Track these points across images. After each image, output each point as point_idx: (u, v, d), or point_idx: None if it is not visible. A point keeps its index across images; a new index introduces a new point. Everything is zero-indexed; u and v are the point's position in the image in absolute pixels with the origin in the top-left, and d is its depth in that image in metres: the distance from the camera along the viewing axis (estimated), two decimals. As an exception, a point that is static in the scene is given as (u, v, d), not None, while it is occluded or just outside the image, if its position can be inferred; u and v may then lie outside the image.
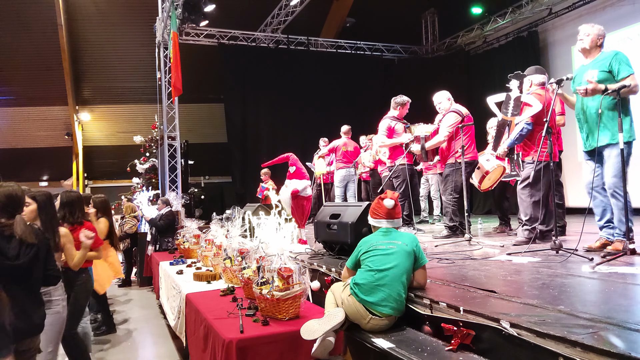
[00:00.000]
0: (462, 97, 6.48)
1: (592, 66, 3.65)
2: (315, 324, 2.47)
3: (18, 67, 14.32)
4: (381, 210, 2.73)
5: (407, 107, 6.10)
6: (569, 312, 1.97)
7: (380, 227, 2.73)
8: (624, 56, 3.53)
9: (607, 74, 3.53)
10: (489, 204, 10.18)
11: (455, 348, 2.06)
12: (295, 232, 4.77)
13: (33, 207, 2.98)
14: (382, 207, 2.72)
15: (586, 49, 3.73)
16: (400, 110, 6.04)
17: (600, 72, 3.55)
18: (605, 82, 3.48)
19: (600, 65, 3.59)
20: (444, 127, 5.29)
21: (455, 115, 5.24)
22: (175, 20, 8.96)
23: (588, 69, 3.68)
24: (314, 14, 13.00)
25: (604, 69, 3.55)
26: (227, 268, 4.02)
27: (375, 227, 2.78)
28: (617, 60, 3.50)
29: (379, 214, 2.74)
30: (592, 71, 3.60)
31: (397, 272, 2.49)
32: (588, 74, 3.60)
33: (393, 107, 6.08)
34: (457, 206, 5.19)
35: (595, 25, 3.73)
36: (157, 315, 6.01)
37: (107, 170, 17.56)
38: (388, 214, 2.71)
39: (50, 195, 3.14)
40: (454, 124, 5.18)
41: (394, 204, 2.70)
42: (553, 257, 3.46)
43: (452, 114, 5.28)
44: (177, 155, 9.91)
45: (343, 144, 8.22)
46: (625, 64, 3.49)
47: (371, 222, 2.82)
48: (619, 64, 3.49)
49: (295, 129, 12.54)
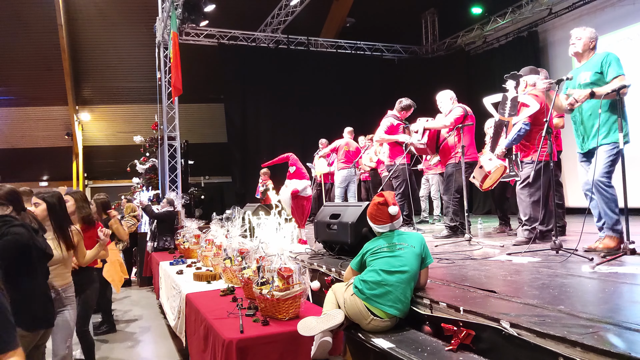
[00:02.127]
0: (462, 97, 6.46)
1: (585, 68, 3.69)
2: (313, 322, 2.47)
3: (18, 67, 14.32)
4: (384, 216, 2.66)
5: (410, 112, 6.10)
6: (569, 312, 1.97)
7: (384, 230, 2.68)
8: (614, 57, 3.55)
9: (599, 75, 3.56)
10: (489, 204, 10.18)
11: (455, 348, 2.06)
12: (295, 232, 4.76)
13: (43, 207, 3.02)
14: (386, 214, 2.65)
15: (579, 52, 3.75)
16: (402, 113, 6.04)
17: (592, 74, 3.58)
18: (597, 82, 3.53)
19: (592, 67, 3.62)
20: (449, 116, 5.28)
21: (462, 109, 5.25)
22: (175, 20, 8.96)
23: (581, 71, 3.71)
24: (314, 14, 12.99)
25: (596, 70, 3.58)
26: (227, 268, 4.02)
27: (379, 232, 2.71)
28: (607, 62, 3.53)
29: (382, 219, 2.67)
30: (585, 73, 3.63)
31: (406, 274, 2.47)
32: (581, 77, 3.64)
33: (397, 109, 6.07)
34: (458, 206, 5.19)
35: (587, 28, 3.75)
36: (157, 315, 6.01)
37: (107, 170, 17.57)
38: (392, 219, 2.66)
39: (60, 195, 3.19)
40: (460, 116, 5.18)
41: (397, 209, 2.66)
42: (553, 257, 3.46)
43: (459, 108, 5.28)
44: (177, 155, 9.91)
45: (345, 143, 8.23)
46: (615, 64, 3.50)
47: (374, 228, 2.73)
48: (609, 65, 3.51)
49: (295, 129, 12.55)
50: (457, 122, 5.15)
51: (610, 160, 3.49)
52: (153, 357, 4.64)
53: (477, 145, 5.55)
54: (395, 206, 2.67)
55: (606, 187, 3.49)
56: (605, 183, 3.49)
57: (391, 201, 2.68)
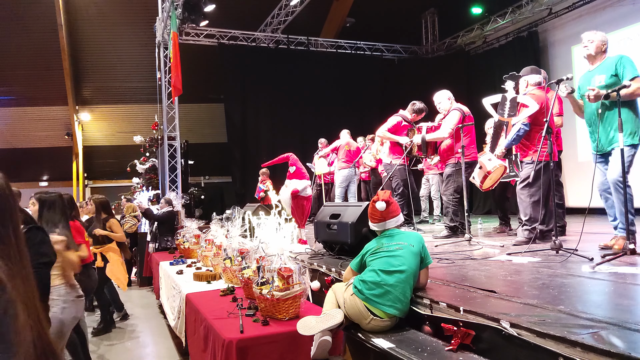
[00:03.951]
0: (462, 97, 6.47)
1: (599, 71, 3.71)
2: (313, 321, 2.47)
3: (18, 67, 14.33)
4: (376, 213, 2.71)
5: (421, 116, 6.06)
6: (569, 312, 1.97)
7: (383, 230, 2.71)
8: (628, 59, 3.58)
9: (615, 77, 3.58)
10: (489, 204, 10.18)
11: (455, 348, 2.06)
12: (295, 232, 4.77)
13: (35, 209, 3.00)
14: (376, 211, 2.70)
15: (592, 55, 3.77)
16: (414, 116, 6.01)
17: (608, 77, 3.61)
18: (613, 86, 3.53)
19: (607, 70, 3.64)
20: (447, 124, 5.28)
21: (459, 114, 5.25)
22: (175, 20, 8.96)
23: (595, 74, 3.73)
24: (314, 14, 12.99)
25: (611, 73, 3.60)
26: (227, 268, 4.02)
27: (379, 231, 2.75)
28: (622, 64, 3.56)
29: (375, 217, 2.72)
30: (600, 76, 3.65)
31: (405, 274, 2.47)
32: (595, 80, 3.65)
33: (409, 111, 6.04)
34: (458, 206, 5.19)
35: (597, 32, 3.78)
36: (157, 315, 6.01)
37: (107, 170, 17.57)
38: (383, 216, 2.69)
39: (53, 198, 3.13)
40: (458, 121, 5.18)
41: (385, 205, 2.68)
42: (553, 257, 3.46)
43: (456, 112, 5.27)
44: (177, 155, 9.90)
45: (346, 143, 8.23)
46: (630, 66, 3.54)
47: (372, 227, 2.79)
48: (624, 67, 3.54)
49: (295, 129, 12.54)
50: (454, 127, 5.18)
51: (629, 161, 3.51)
52: (153, 357, 4.64)
53: (478, 146, 5.55)
54: (383, 202, 2.69)
55: (624, 188, 3.49)
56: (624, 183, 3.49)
57: (381, 197, 2.70)
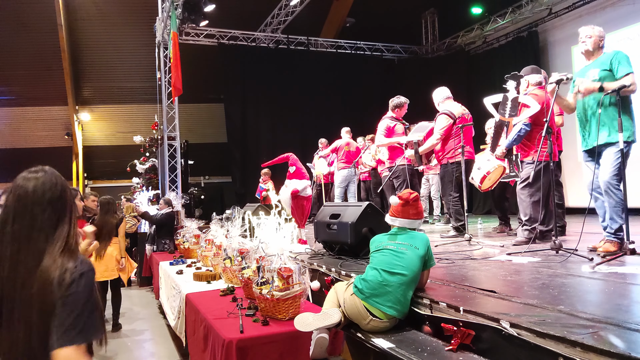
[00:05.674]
0: (462, 97, 6.48)
1: (594, 66, 3.70)
2: (310, 318, 2.47)
3: (18, 67, 14.30)
4: (393, 208, 2.74)
5: (404, 109, 6.00)
6: (569, 312, 1.97)
7: (394, 225, 2.73)
8: (624, 55, 3.57)
9: (607, 72, 3.58)
10: (489, 204, 10.17)
11: (455, 348, 2.06)
12: (295, 232, 4.76)
13: None
14: (392, 206, 2.74)
15: (589, 50, 3.77)
16: (397, 112, 5.98)
17: (600, 71, 3.60)
18: (604, 79, 3.54)
19: (601, 65, 3.64)
20: (436, 130, 5.31)
21: (446, 118, 5.27)
22: (175, 20, 8.96)
23: (589, 69, 3.72)
24: (314, 14, 12.98)
25: (605, 68, 3.60)
26: (227, 268, 4.02)
27: (391, 225, 2.76)
28: (617, 59, 3.55)
29: (392, 212, 2.75)
30: (593, 70, 3.65)
31: (407, 277, 2.46)
32: (590, 74, 3.65)
33: (390, 109, 6.03)
34: (458, 205, 5.19)
35: (595, 27, 3.77)
36: (157, 315, 6.01)
37: (107, 170, 17.54)
38: (399, 212, 2.70)
39: None
40: (446, 126, 5.22)
41: (398, 201, 2.70)
42: (553, 257, 3.46)
43: (443, 116, 5.30)
44: (177, 155, 9.90)
45: (346, 143, 8.23)
46: (625, 62, 3.53)
47: (387, 220, 2.81)
48: (619, 62, 3.54)
49: (295, 129, 12.54)
50: (445, 132, 5.22)
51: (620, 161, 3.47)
52: (153, 357, 4.64)
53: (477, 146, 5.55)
54: (396, 198, 2.72)
55: (615, 190, 3.46)
56: (615, 185, 3.47)
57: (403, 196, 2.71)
